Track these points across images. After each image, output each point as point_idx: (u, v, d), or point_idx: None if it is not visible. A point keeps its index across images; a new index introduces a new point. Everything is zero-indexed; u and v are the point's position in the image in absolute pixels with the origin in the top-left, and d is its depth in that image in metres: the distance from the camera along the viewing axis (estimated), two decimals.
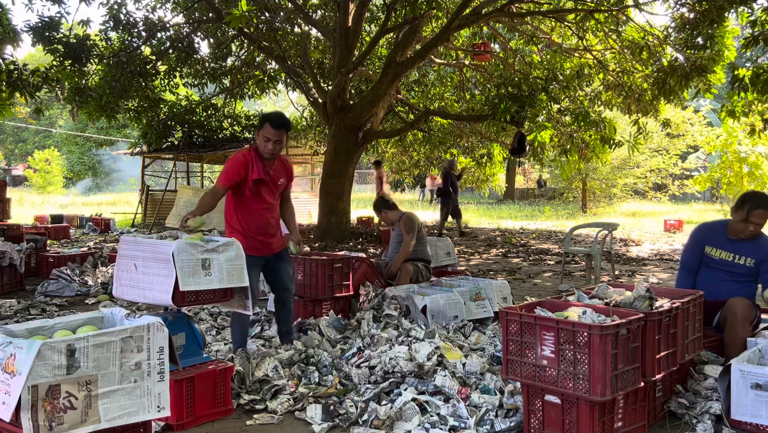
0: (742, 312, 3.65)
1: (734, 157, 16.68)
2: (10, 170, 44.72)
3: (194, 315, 5.57)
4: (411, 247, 5.77)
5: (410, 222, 5.84)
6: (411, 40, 11.09)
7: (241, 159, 3.99)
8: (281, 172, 4.20)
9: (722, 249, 3.91)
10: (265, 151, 4.00)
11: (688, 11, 9.07)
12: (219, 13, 10.52)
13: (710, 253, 3.96)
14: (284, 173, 4.22)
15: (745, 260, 3.85)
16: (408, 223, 5.83)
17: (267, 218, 4.14)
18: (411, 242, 5.77)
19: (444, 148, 14.65)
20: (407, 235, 5.78)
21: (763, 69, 7.90)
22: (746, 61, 12.80)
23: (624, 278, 8.22)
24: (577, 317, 2.90)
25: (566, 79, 11.48)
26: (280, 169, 4.19)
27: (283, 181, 4.20)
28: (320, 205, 11.96)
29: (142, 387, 2.38)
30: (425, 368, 3.64)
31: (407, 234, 5.78)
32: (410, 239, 5.77)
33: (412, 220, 5.88)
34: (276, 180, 4.15)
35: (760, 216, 3.74)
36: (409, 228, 5.80)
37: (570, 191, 25.36)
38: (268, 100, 32.53)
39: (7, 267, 7.07)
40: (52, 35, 9.75)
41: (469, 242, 12.82)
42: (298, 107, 17.43)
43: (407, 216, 5.93)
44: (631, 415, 2.90)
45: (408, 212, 6.07)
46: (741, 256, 3.85)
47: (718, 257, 3.92)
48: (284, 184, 4.23)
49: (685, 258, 4.09)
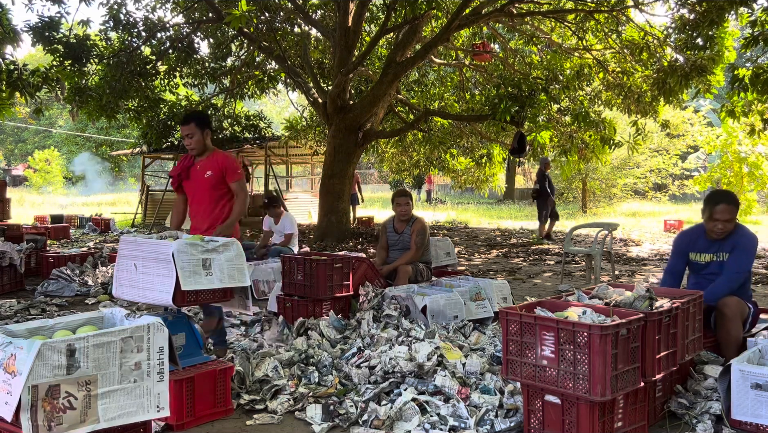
0: (731, 311, 3.65)
1: (734, 157, 16.67)
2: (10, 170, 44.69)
3: (194, 315, 5.57)
4: (416, 258, 5.75)
5: (423, 234, 5.78)
6: (411, 40, 11.09)
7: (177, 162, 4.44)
8: (208, 165, 4.33)
9: (705, 252, 3.92)
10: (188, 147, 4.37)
11: (688, 12, 9.07)
12: (219, 13, 10.52)
13: (695, 259, 3.96)
14: (210, 165, 4.32)
15: (724, 256, 3.86)
16: (421, 234, 5.77)
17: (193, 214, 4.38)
18: (417, 253, 5.75)
19: (444, 148, 14.65)
20: (417, 247, 5.74)
21: (763, 69, 7.90)
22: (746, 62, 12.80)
23: (624, 278, 8.22)
24: (577, 317, 2.90)
25: (566, 79, 11.48)
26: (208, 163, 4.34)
27: (210, 173, 4.29)
28: (320, 205, 11.96)
29: (142, 387, 2.38)
30: (425, 368, 3.63)
31: (417, 246, 5.74)
32: (417, 254, 5.74)
33: (425, 232, 5.82)
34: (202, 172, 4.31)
35: (722, 211, 3.77)
36: (420, 240, 5.75)
37: (570, 191, 25.36)
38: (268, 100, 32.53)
39: (7, 267, 7.06)
40: (52, 35, 9.75)
41: (469, 241, 12.83)
42: (298, 107, 17.43)
43: (422, 225, 5.84)
44: (631, 415, 2.90)
45: (422, 219, 5.96)
46: (723, 252, 3.86)
47: (704, 261, 3.93)
48: (212, 175, 4.29)
49: (670, 265, 4.10)
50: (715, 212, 3.78)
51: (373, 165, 32.39)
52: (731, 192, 3.96)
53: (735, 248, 3.82)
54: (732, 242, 3.84)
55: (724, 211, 3.77)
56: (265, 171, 18.51)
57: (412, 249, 5.75)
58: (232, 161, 4.40)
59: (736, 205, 3.81)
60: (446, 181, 27.79)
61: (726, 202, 3.78)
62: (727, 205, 3.77)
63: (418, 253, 5.76)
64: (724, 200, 3.79)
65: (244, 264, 3.48)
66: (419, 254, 5.77)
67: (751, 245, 3.85)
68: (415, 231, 5.79)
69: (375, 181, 41.53)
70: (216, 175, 4.30)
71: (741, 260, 3.80)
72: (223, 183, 4.35)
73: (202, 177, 4.29)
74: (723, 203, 3.78)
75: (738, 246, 3.82)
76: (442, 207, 25.95)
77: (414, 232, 5.79)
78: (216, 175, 4.30)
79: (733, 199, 3.83)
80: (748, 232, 3.92)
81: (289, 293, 5.27)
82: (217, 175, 4.30)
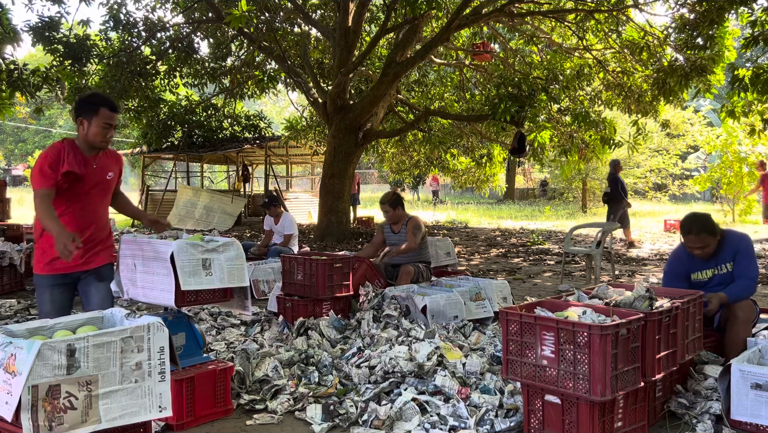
0: (744, 314, 3.65)
1: (734, 157, 16.67)
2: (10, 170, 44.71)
3: (194, 315, 5.57)
4: (414, 248, 5.78)
5: (419, 229, 5.84)
6: (411, 40, 11.09)
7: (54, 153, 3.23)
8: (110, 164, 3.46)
9: (706, 269, 3.89)
10: (104, 140, 3.31)
11: (688, 12, 9.07)
12: (219, 13, 10.52)
13: (699, 278, 3.92)
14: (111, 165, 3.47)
15: (726, 267, 3.84)
16: (416, 229, 5.83)
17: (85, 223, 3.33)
18: (414, 244, 5.78)
19: (444, 148, 14.66)
20: (414, 238, 5.78)
21: (763, 69, 7.90)
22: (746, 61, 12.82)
23: (624, 278, 8.22)
24: (577, 317, 2.90)
25: (566, 79, 11.48)
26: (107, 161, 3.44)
27: (111, 174, 3.46)
28: (320, 205, 11.96)
29: (143, 387, 2.38)
30: (425, 368, 3.64)
31: (413, 237, 5.78)
32: (415, 244, 5.78)
33: (421, 228, 5.88)
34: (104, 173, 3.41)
35: (692, 241, 3.73)
36: (416, 233, 5.80)
37: (570, 191, 25.37)
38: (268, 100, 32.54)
39: (7, 267, 7.07)
40: (52, 35, 9.77)
41: (469, 241, 12.83)
42: (298, 107, 17.44)
43: (416, 223, 5.92)
44: (631, 415, 2.90)
45: (415, 217, 6.05)
46: (722, 264, 3.84)
47: (707, 277, 3.90)
48: (113, 178, 3.48)
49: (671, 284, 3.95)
50: (688, 241, 3.78)
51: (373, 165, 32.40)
52: (700, 217, 3.82)
53: (737, 256, 3.80)
54: (729, 251, 3.82)
55: (695, 241, 3.74)
56: (265, 171, 18.51)
57: (409, 241, 5.80)
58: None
59: (707, 232, 3.72)
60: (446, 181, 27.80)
61: (694, 233, 3.72)
62: (696, 236, 3.71)
63: (416, 243, 5.78)
64: (692, 231, 3.73)
65: (244, 264, 3.48)
66: (416, 245, 5.79)
67: (749, 248, 3.86)
68: (410, 227, 5.87)
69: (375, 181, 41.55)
70: (116, 177, 3.52)
71: (750, 267, 3.78)
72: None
73: (103, 178, 3.39)
74: (691, 234, 3.73)
75: (739, 253, 3.80)
76: (442, 207, 25.96)
77: (409, 228, 5.87)
78: (116, 176, 3.52)
79: (703, 227, 3.72)
80: (738, 235, 3.90)
81: (289, 293, 5.27)
82: (117, 176, 3.52)
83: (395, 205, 5.99)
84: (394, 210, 5.98)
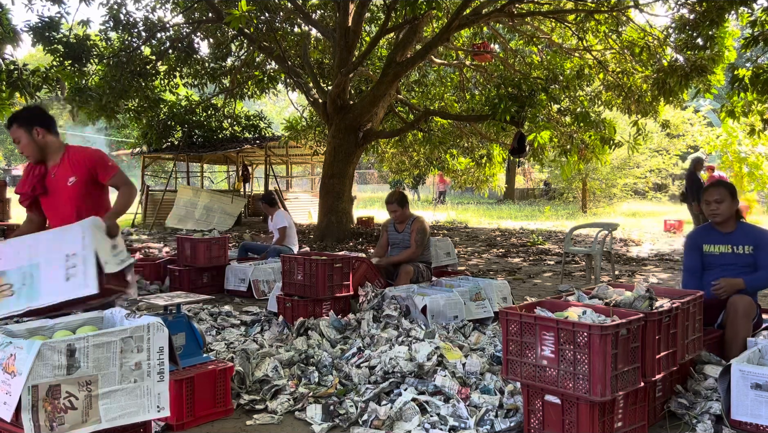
0: (744, 309, 3.66)
1: (734, 157, 16.68)
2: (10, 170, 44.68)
3: (194, 315, 5.57)
4: (414, 258, 5.76)
5: (423, 233, 5.79)
6: (411, 40, 11.10)
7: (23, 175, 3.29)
8: (66, 169, 3.31)
9: (720, 243, 3.97)
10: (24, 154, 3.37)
11: (688, 12, 9.07)
12: (219, 13, 10.53)
13: (710, 251, 3.99)
14: (71, 168, 3.30)
15: (743, 249, 3.89)
16: (420, 232, 5.78)
17: None
18: (417, 251, 5.76)
19: (444, 149, 14.66)
20: (417, 244, 5.75)
21: (763, 69, 7.91)
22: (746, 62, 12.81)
23: (624, 278, 8.22)
24: (577, 317, 2.90)
25: (566, 79, 11.49)
26: (65, 166, 3.32)
27: (74, 178, 3.28)
28: (320, 205, 11.96)
29: (143, 387, 2.38)
30: (425, 368, 3.64)
31: (417, 244, 5.75)
32: (417, 251, 5.75)
33: (425, 231, 5.83)
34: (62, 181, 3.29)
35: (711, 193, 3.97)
36: (420, 238, 5.76)
37: (570, 191, 25.36)
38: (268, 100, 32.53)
39: None
40: (52, 35, 9.77)
41: (469, 241, 12.83)
42: (298, 107, 17.44)
43: (421, 225, 5.85)
44: (631, 415, 2.90)
45: (420, 217, 5.97)
46: (739, 245, 3.90)
47: (719, 252, 3.96)
48: (78, 181, 3.29)
49: (687, 262, 4.12)
50: (707, 195, 3.96)
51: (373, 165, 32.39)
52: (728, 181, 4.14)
53: (759, 246, 3.85)
54: (746, 236, 3.89)
55: (713, 193, 3.93)
56: (265, 171, 18.51)
57: (412, 247, 5.76)
58: (99, 155, 3.38)
59: (726, 188, 3.95)
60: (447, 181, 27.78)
61: (715, 186, 3.98)
62: (716, 188, 3.95)
63: (418, 251, 5.76)
64: (714, 185, 4.01)
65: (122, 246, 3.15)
66: (419, 252, 5.77)
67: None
68: (414, 229, 5.81)
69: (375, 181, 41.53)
70: (83, 180, 3.29)
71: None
72: (97, 186, 3.36)
73: (64, 187, 3.25)
74: (712, 187, 3.99)
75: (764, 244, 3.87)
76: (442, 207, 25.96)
77: (414, 230, 5.81)
78: (83, 179, 3.29)
79: (726, 186, 3.99)
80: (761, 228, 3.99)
81: (289, 293, 5.27)
82: (83, 178, 3.29)
83: (403, 204, 5.95)
84: (402, 209, 5.94)
